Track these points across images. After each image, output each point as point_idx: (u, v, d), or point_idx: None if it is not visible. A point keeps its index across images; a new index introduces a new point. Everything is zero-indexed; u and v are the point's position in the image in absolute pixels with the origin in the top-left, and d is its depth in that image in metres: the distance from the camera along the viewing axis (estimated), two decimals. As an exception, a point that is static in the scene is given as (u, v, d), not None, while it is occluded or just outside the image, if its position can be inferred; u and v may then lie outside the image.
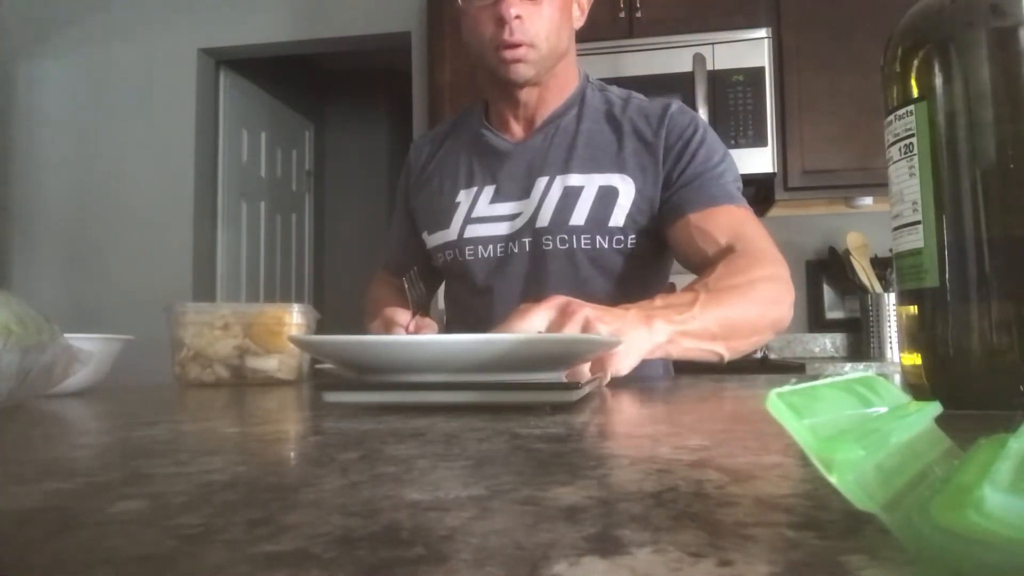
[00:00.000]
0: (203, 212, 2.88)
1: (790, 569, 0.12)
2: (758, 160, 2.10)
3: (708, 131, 0.97)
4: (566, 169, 0.96)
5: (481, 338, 0.46)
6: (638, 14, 2.21)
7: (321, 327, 0.92)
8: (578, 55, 1.05)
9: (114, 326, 0.73)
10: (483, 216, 0.99)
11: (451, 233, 1.01)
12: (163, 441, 0.32)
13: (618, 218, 0.94)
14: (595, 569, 0.13)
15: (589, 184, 0.95)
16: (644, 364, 0.69)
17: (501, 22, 0.90)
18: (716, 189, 0.92)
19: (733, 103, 2.11)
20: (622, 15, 2.21)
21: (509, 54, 0.92)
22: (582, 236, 0.94)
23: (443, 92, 2.32)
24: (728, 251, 0.87)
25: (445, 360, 0.45)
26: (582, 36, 1.05)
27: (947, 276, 0.38)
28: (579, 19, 1.00)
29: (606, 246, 0.94)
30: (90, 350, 0.56)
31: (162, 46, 2.86)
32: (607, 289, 0.93)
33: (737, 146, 2.10)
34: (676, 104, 0.99)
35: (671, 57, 2.14)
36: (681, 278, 1.18)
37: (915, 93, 0.40)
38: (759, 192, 2.32)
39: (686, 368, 1.07)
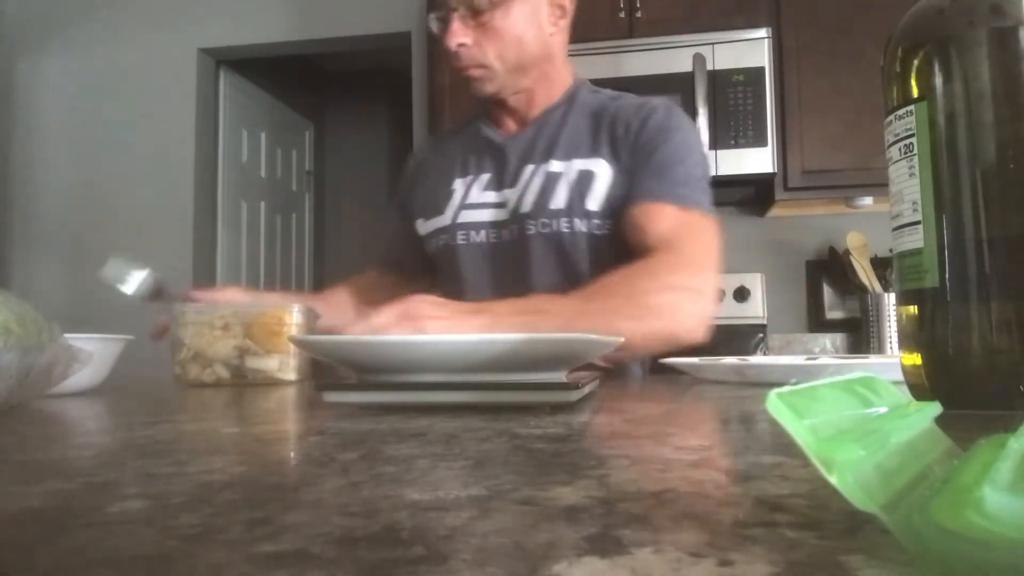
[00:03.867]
0: (203, 212, 2.88)
1: (790, 569, 0.12)
2: (758, 160, 2.10)
3: (683, 131, 0.98)
4: (548, 157, 1.00)
5: (481, 338, 0.46)
6: (638, 14, 2.20)
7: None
8: (578, 55, 1.06)
9: (114, 326, 0.72)
10: (476, 203, 1.03)
11: (445, 218, 1.04)
12: (163, 441, 0.32)
13: (595, 201, 0.96)
14: (595, 569, 0.13)
15: (568, 169, 0.98)
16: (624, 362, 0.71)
17: (450, 51, 0.96)
18: (663, 187, 0.92)
19: (733, 103, 2.11)
20: (622, 15, 2.21)
21: (464, 75, 0.98)
22: (562, 220, 0.96)
23: (443, 92, 2.32)
24: (650, 252, 0.88)
25: (445, 360, 0.45)
26: (581, 36, 1.05)
27: (947, 276, 0.38)
28: (559, 19, 1.01)
29: (584, 229, 0.96)
30: (90, 350, 0.56)
31: (162, 46, 2.86)
32: (591, 273, 0.93)
33: (737, 146, 2.10)
34: (664, 102, 1.00)
35: (671, 57, 2.14)
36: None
37: (915, 93, 0.40)
38: (759, 192, 2.32)
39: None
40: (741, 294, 2.34)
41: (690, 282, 0.86)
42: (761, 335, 2.24)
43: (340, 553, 0.14)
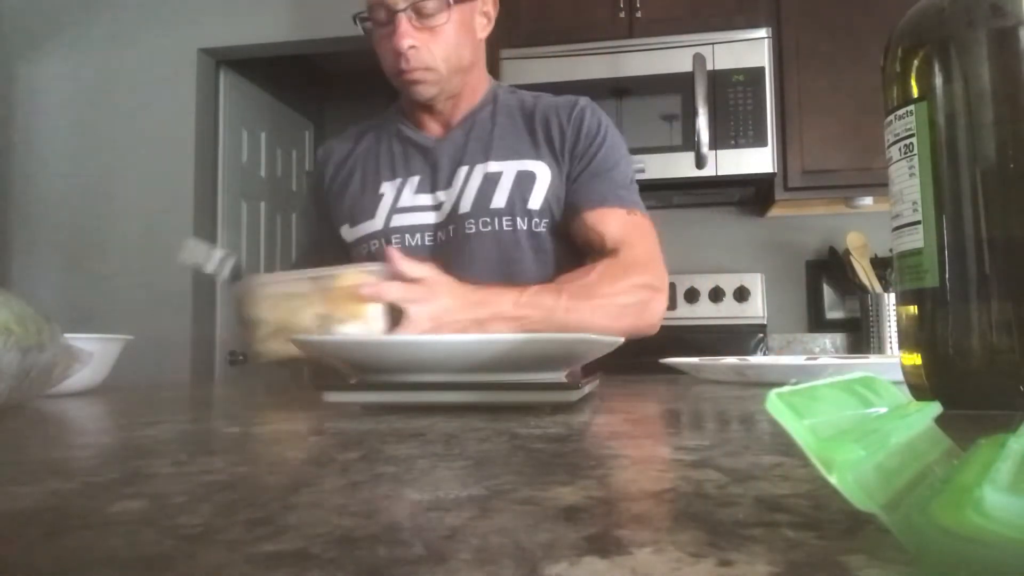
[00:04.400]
0: (203, 212, 2.88)
1: (790, 569, 0.12)
2: (758, 160, 2.10)
3: (612, 133, 1.04)
4: (485, 158, 1.01)
5: (481, 338, 0.46)
6: (638, 14, 2.20)
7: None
8: (578, 55, 1.07)
9: (114, 326, 0.72)
10: (408, 206, 1.02)
11: (376, 223, 1.02)
12: (163, 441, 0.32)
13: (536, 201, 0.99)
14: (595, 569, 0.13)
15: (507, 170, 1.00)
16: None
17: (397, 53, 0.94)
18: (609, 191, 1.00)
19: (733, 103, 2.11)
20: (622, 15, 2.21)
21: (408, 78, 0.97)
22: (503, 218, 0.99)
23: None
24: (610, 254, 0.95)
25: (445, 360, 0.46)
26: (581, 36, 1.05)
27: (947, 276, 0.38)
28: (486, 27, 1.04)
29: (525, 228, 0.99)
30: (90, 350, 0.56)
31: (162, 46, 2.86)
32: (533, 271, 0.98)
33: (737, 146, 2.10)
34: (585, 101, 1.05)
35: (671, 57, 2.14)
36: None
37: (915, 93, 0.40)
38: (759, 192, 2.32)
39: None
40: (741, 294, 2.34)
41: (652, 281, 0.95)
42: (761, 335, 2.24)
43: (340, 553, 0.14)
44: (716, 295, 2.33)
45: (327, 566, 0.13)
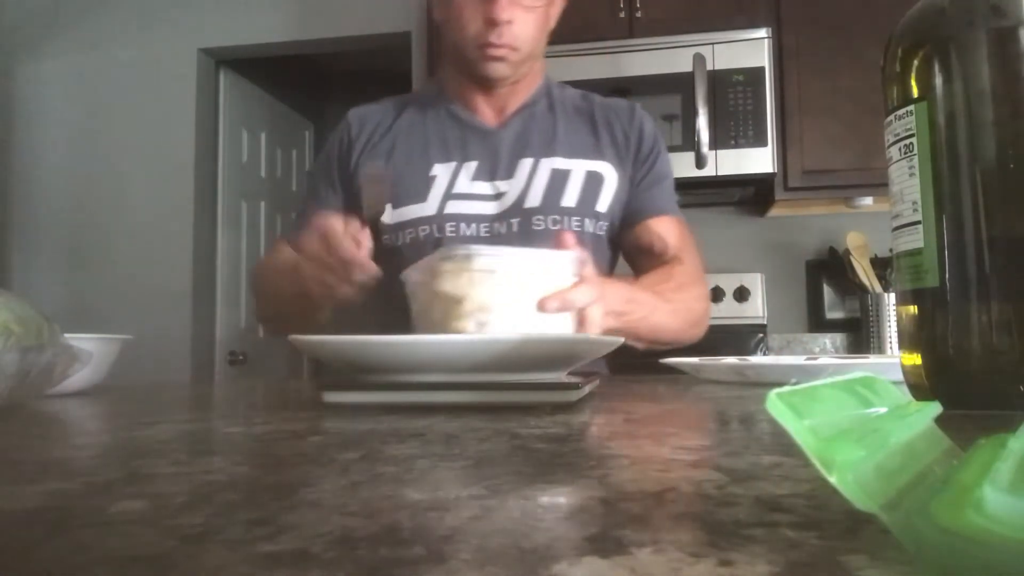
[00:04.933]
0: (203, 212, 2.88)
1: (790, 569, 0.12)
2: (758, 160, 2.10)
3: (662, 141, 1.06)
4: (551, 152, 0.98)
5: (481, 338, 0.46)
6: (638, 14, 2.20)
7: (320, 327, 0.90)
8: (578, 55, 1.07)
9: (114, 326, 0.72)
10: (465, 193, 0.97)
11: (428, 207, 0.95)
12: (163, 441, 0.32)
13: (603, 204, 0.98)
14: (595, 569, 0.13)
15: (576, 169, 0.98)
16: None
17: (491, 23, 0.90)
18: (667, 199, 1.02)
19: (733, 103, 2.11)
20: (622, 15, 2.21)
21: (492, 52, 0.92)
22: (573, 218, 0.97)
23: (443, 92, 2.32)
24: (672, 261, 0.96)
25: (445, 360, 0.46)
26: (581, 36, 1.06)
27: (947, 276, 0.38)
28: (555, 18, 1.02)
29: (591, 231, 0.98)
30: (90, 350, 0.56)
31: (162, 46, 2.86)
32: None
33: (737, 146, 2.10)
34: (638, 106, 1.06)
35: (671, 57, 2.14)
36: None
37: (915, 93, 0.40)
38: (759, 192, 2.32)
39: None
40: (741, 294, 2.34)
41: (706, 291, 1.01)
42: (761, 335, 2.24)
43: (340, 553, 0.14)
44: (716, 295, 2.33)
45: (327, 566, 0.13)
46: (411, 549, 0.14)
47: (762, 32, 2.13)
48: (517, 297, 0.64)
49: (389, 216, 0.97)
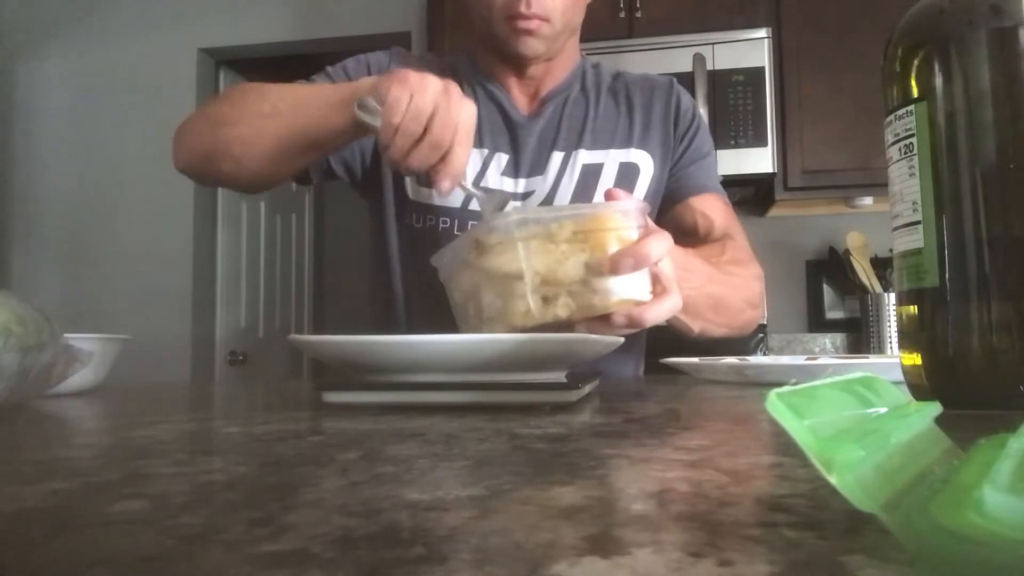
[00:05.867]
0: (203, 212, 2.88)
1: (790, 569, 0.12)
2: (758, 160, 2.10)
3: (701, 115, 1.00)
4: (580, 144, 0.92)
5: (481, 338, 0.46)
6: (638, 14, 2.20)
7: (321, 327, 0.90)
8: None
9: (114, 325, 0.71)
10: (494, 189, 0.90)
11: (453, 198, 0.89)
12: (163, 441, 0.32)
13: (639, 196, 0.91)
14: (595, 569, 0.13)
15: (609, 161, 0.92)
16: (616, 362, 0.67)
17: None
18: (712, 177, 0.96)
19: (733, 103, 2.11)
20: (622, 15, 2.21)
21: (523, 24, 0.84)
22: None
23: (443, 92, 2.32)
24: (720, 239, 0.90)
25: (445, 360, 0.45)
26: (581, 36, 1.04)
27: (947, 276, 0.38)
28: None
29: None
30: (90, 350, 0.56)
31: (162, 46, 2.86)
32: None
33: (737, 146, 2.10)
34: (675, 82, 1.00)
35: (671, 57, 2.14)
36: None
37: (915, 93, 0.40)
38: (759, 192, 2.32)
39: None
40: (741, 294, 2.34)
41: (761, 272, 0.92)
42: (761, 335, 2.24)
43: (340, 553, 0.14)
44: (716, 295, 2.33)
45: (327, 566, 0.13)
46: (411, 549, 0.14)
47: (762, 32, 2.13)
48: (583, 260, 0.55)
49: (411, 190, 0.91)
